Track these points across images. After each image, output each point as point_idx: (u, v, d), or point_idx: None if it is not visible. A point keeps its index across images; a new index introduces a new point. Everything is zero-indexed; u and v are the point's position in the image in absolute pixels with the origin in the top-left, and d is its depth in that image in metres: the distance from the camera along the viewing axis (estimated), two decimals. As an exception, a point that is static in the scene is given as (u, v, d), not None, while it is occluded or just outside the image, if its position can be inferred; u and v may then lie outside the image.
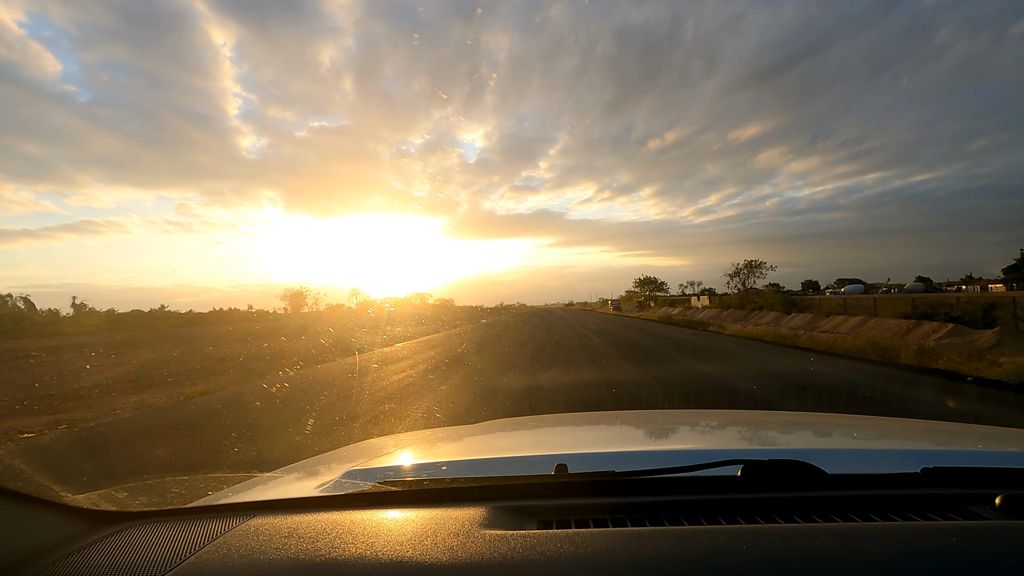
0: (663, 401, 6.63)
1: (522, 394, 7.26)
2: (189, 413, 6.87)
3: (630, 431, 1.89)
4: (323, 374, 10.66)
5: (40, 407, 8.16)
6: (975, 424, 1.92)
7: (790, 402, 6.61)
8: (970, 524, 0.83)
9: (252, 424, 6.06)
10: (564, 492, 1.02)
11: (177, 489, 1.28)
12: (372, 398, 7.47)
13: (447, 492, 1.04)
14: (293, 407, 7.07)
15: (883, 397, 6.94)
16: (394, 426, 5.73)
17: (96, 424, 6.57)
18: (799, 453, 1.06)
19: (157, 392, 9.11)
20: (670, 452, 1.34)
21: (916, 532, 0.79)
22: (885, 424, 1.88)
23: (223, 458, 4.66)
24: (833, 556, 0.71)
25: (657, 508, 0.95)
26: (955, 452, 1.33)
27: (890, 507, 0.94)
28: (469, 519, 0.89)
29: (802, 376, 9.00)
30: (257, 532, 0.89)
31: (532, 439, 1.79)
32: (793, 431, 1.74)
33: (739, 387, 7.73)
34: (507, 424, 2.22)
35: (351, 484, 1.10)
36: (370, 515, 0.94)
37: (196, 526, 0.94)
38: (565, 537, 0.79)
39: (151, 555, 0.84)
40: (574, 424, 2.15)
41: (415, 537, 0.83)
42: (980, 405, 6.76)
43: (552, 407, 6.22)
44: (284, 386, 9.02)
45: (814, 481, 1.00)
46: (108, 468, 4.60)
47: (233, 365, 13.24)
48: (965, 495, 0.97)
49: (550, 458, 1.12)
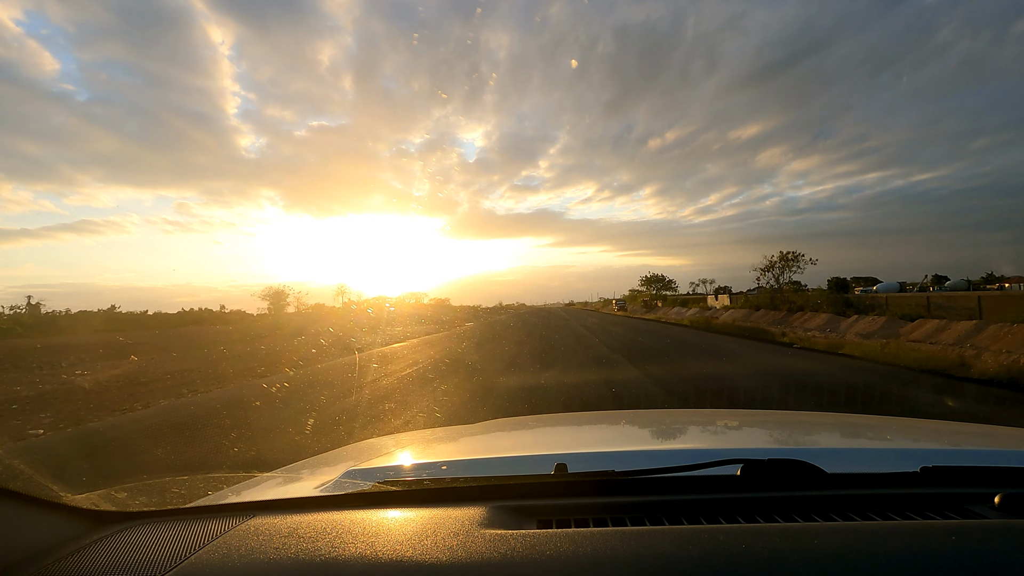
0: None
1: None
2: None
3: (629, 431, 1.89)
4: (250, 393, 8.13)
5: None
6: (974, 423, 1.92)
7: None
8: (969, 523, 0.83)
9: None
10: (564, 492, 1.02)
11: (177, 489, 1.28)
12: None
13: (447, 492, 1.04)
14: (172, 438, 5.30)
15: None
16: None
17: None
18: (798, 452, 1.06)
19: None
20: (670, 451, 1.34)
21: (916, 531, 0.79)
22: (884, 423, 1.88)
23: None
24: (833, 555, 0.71)
25: (657, 507, 0.95)
26: (954, 451, 1.34)
27: (890, 506, 0.94)
28: (469, 519, 0.89)
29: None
30: (257, 532, 0.89)
31: (532, 439, 1.79)
32: (792, 430, 1.74)
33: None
34: (506, 424, 2.22)
35: (351, 484, 1.11)
36: (370, 515, 0.94)
37: (196, 526, 0.94)
38: (565, 536, 0.79)
39: (151, 555, 0.84)
40: (574, 424, 2.15)
41: (415, 537, 0.83)
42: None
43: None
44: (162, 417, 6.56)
45: (814, 480, 1.00)
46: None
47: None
48: (964, 494, 0.97)
49: (550, 458, 1.12)
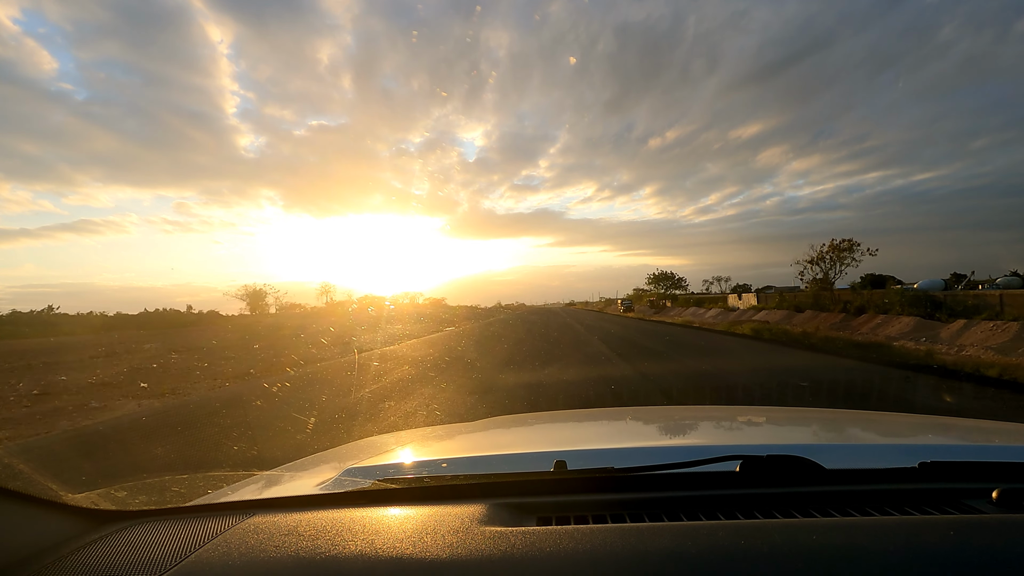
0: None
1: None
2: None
3: (629, 427, 1.89)
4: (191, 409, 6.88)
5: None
6: (972, 419, 1.93)
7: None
8: (968, 518, 0.83)
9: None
10: (563, 489, 1.02)
11: (176, 488, 1.28)
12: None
13: (447, 489, 1.04)
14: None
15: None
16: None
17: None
18: (797, 448, 1.06)
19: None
20: (669, 448, 1.34)
21: (914, 526, 0.79)
22: (883, 419, 1.88)
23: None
24: (832, 551, 0.72)
25: (656, 504, 0.95)
26: (952, 447, 1.34)
27: (888, 502, 0.94)
28: (469, 516, 0.89)
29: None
30: (257, 530, 0.89)
31: (531, 436, 1.80)
32: (791, 426, 1.75)
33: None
34: (506, 421, 2.23)
35: (351, 482, 1.10)
36: (370, 513, 0.94)
37: (196, 525, 0.94)
38: (565, 533, 0.79)
39: (151, 554, 0.84)
40: (573, 421, 2.15)
41: (415, 534, 0.83)
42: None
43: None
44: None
45: (812, 476, 1.00)
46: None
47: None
48: (962, 489, 0.97)
49: (549, 455, 1.12)
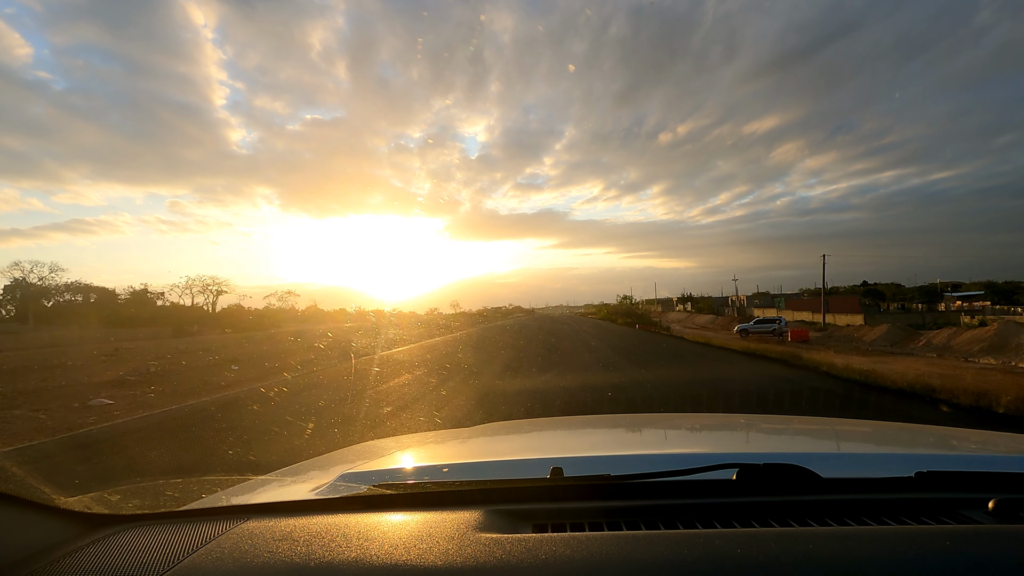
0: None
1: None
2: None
3: (625, 435, 1.89)
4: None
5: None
6: (968, 428, 1.93)
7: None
8: (964, 528, 0.83)
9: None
10: (560, 495, 1.02)
11: (171, 492, 1.27)
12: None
13: (442, 495, 1.04)
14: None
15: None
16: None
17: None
18: (794, 457, 1.06)
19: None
20: (665, 456, 1.34)
21: (910, 536, 0.79)
22: (880, 428, 1.88)
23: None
24: (828, 560, 0.72)
25: (653, 512, 0.95)
26: (949, 456, 1.34)
27: (884, 511, 0.94)
28: (464, 522, 0.88)
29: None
30: (251, 535, 0.88)
31: (528, 442, 1.80)
32: (788, 435, 1.75)
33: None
34: (503, 427, 2.22)
35: (346, 487, 1.10)
36: (365, 518, 0.94)
37: (189, 529, 0.93)
38: (561, 541, 0.79)
39: (144, 558, 0.83)
40: (570, 428, 2.15)
41: (410, 540, 0.83)
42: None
43: None
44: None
45: (809, 485, 1.00)
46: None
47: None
48: (959, 499, 0.97)
49: (546, 461, 1.12)
